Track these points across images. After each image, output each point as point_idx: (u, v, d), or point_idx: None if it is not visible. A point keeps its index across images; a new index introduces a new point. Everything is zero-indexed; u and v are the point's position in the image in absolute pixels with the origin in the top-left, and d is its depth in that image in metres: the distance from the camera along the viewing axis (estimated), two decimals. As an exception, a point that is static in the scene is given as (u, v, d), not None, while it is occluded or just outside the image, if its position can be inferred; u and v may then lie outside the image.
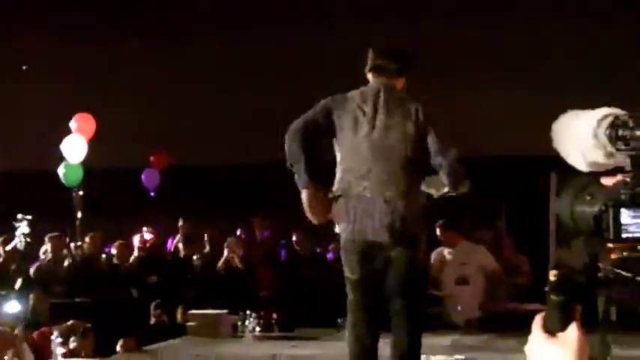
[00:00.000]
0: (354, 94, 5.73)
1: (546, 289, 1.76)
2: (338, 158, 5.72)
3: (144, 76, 16.56)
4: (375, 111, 5.62)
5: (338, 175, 5.69)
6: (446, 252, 10.98)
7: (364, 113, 5.63)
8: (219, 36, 16.50)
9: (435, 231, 11.05)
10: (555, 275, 1.74)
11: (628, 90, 13.29)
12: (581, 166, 1.94)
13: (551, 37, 15.43)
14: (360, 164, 5.60)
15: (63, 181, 13.15)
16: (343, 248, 5.76)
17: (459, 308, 10.55)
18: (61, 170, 13.10)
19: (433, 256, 11.08)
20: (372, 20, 15.77)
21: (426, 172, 5.67)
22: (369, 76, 5.88)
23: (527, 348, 1.65)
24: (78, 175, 13.19)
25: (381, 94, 5.68)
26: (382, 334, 5.85)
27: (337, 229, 5.81)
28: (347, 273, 5.77)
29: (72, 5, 16.71)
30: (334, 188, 5.68)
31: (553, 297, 1.71)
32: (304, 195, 5.70)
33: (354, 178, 5.60)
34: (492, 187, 14.76)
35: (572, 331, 1.61)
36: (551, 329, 1.65)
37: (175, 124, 16.33)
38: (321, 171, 5.81)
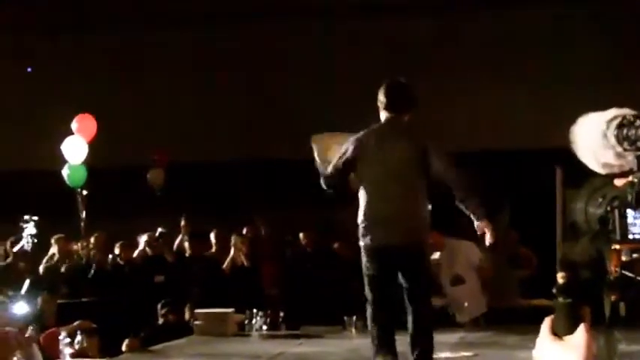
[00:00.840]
0: (369, 134, 6.87)
1: (554, 291, 1.76)
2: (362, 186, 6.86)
3: (144, 75, 16.55)
4: (387, 144, 6.78)
5: (361, 195, 6.84)
6: (436, 256, 10.95)
7: (380, 148, 6.77)
8: (219, 32, 16.48)
9: None
10: (563, 277, 1.73)
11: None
12: (596, 167, 1.95)
13: (559, 30, 15.40)
14: (379, 188, 6.78)
15: (67, 181, 13.16)
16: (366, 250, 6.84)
17: (466, 305, 10.51)
18: (65, 171, 13.11)
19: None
20: (365, 17, 15.81)
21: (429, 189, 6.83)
22: (382, 113, 6.93)
23: (535, 352, 1.65)
24: (82, 176, 13.20)
25: (392, 130, 6.87)
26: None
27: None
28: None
29: (71, 5, 16.71)
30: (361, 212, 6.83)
31: (561, 300, 1.70)
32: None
33: (375, 200, 6.78)
34: (496, 180, 14.76)
35: (580, 333, 1.60)
36: (560, 332, 1.64)
37: (177, 123, 16.32)
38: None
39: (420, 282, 6.85)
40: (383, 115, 6.94)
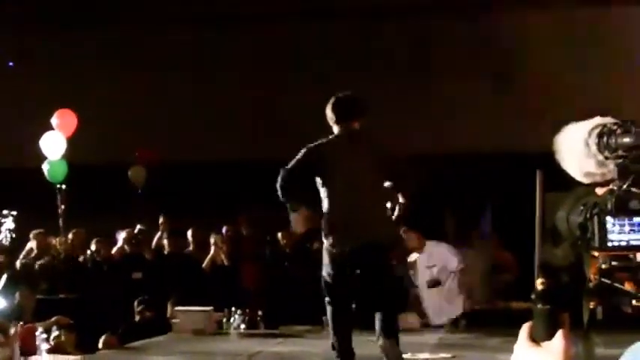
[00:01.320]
0: (325, 145, 7.18)
1: (532, 296, 1.76)
2: (323, 192, 7.14)
3: (126, 72, 16.51)
4: (346, 153, 7.07)
5: (326, 205, 7.13)
6: (414, 257, 10.98)
7: (339, 158, 7.04)
8: (205, 29, 16.47)
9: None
10: (542, 284, 1.73)
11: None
12: (578, 176, 1.97)
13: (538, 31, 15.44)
14: (340, 196, 7.08)
15: (47, 177, 13.09)
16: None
17: (442, 306, 10.55)
18: (45, 166, 13.05)
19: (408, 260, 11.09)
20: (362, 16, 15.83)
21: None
22: (335, 127, 7.27)
23: (512, 358, 1.65)
24: (62, 172, 13.14)
25: (349, 138, 7.17)
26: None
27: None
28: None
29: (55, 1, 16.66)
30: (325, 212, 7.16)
31: (539, 306, 1.70)
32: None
33: (337, 207, 7.10)
34: (477, 184, 14.80)
35: (558, 340, 1.60)
36: (538, 338, 1.65)
37: (160, 121, 16.29)
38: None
39: (383, 286, 7.16)
40: (336, 129, 7.27)
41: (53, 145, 13.06)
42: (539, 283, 1.79)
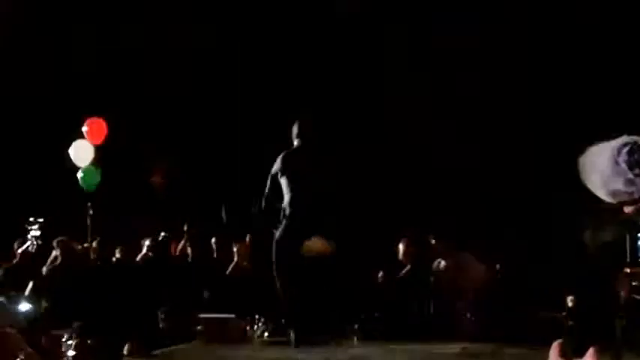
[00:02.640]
0: (286, 156, 9.53)
1: (564, 314, 1.77)
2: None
3: (148, 75, 16.58)
4: (302, 161, 9.42)
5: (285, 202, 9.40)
6: (441, 264, 10.98)
7: (297, 165, 9.43)
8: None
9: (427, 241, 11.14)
10: (572, 301, 1.75)
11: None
12: (604, 196, 1.97)
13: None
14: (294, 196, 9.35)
15: (81, 184, 13.11)
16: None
17: (469, 316, 10.54)
18: (79, 174, 13.07)
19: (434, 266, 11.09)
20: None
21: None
22: (295, 141, 9.58)
23: None
24: (95, 179, 13.18)
25: (305, 151, 9.48)
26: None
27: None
28: None
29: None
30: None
31: (570, 323, 1.71)
32: None
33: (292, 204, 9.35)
34: (499, 195, 14.75)
35: (590, 358, 1.61)
36: (568, 355, 1.65)
37: (184, 125, 16.35)
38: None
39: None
40: (295, 142, 9.57)
41: (82, 152, 13.10)
42: (569, 301, 1.80)
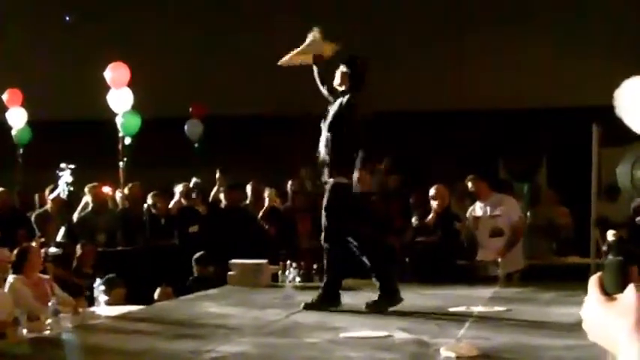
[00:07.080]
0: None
1: (604, 248, 1.74)
2: None
3: (184, 26, 16.56)
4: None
5: None
6: (478, 206, 10.91)
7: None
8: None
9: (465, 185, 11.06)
10: (614, 235, 1.72)
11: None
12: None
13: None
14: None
15: (121, 130, 13.10)
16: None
17: (499, 261, 10.49)
18: (119, 119, 13.07)
19: (468, 212, 11.03)
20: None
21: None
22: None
23: (583, 312, 1.63)
24: (136, 124, 13.18)
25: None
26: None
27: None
28: None
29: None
30: None
31: (611, 257, 1.68)
32: None
33: None
34: (532, 139, 14.68)
35: (630, 292, 1.57)
36: (610, 290, 1.62)
37: (220, 74, 16.33)
38: None
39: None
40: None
41: (121, 98, 13.09)
42: (611, 235, 1.77)
